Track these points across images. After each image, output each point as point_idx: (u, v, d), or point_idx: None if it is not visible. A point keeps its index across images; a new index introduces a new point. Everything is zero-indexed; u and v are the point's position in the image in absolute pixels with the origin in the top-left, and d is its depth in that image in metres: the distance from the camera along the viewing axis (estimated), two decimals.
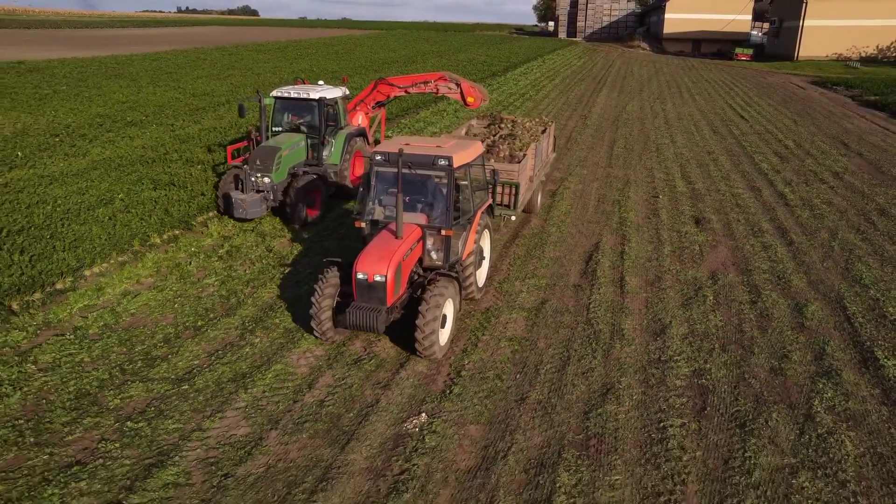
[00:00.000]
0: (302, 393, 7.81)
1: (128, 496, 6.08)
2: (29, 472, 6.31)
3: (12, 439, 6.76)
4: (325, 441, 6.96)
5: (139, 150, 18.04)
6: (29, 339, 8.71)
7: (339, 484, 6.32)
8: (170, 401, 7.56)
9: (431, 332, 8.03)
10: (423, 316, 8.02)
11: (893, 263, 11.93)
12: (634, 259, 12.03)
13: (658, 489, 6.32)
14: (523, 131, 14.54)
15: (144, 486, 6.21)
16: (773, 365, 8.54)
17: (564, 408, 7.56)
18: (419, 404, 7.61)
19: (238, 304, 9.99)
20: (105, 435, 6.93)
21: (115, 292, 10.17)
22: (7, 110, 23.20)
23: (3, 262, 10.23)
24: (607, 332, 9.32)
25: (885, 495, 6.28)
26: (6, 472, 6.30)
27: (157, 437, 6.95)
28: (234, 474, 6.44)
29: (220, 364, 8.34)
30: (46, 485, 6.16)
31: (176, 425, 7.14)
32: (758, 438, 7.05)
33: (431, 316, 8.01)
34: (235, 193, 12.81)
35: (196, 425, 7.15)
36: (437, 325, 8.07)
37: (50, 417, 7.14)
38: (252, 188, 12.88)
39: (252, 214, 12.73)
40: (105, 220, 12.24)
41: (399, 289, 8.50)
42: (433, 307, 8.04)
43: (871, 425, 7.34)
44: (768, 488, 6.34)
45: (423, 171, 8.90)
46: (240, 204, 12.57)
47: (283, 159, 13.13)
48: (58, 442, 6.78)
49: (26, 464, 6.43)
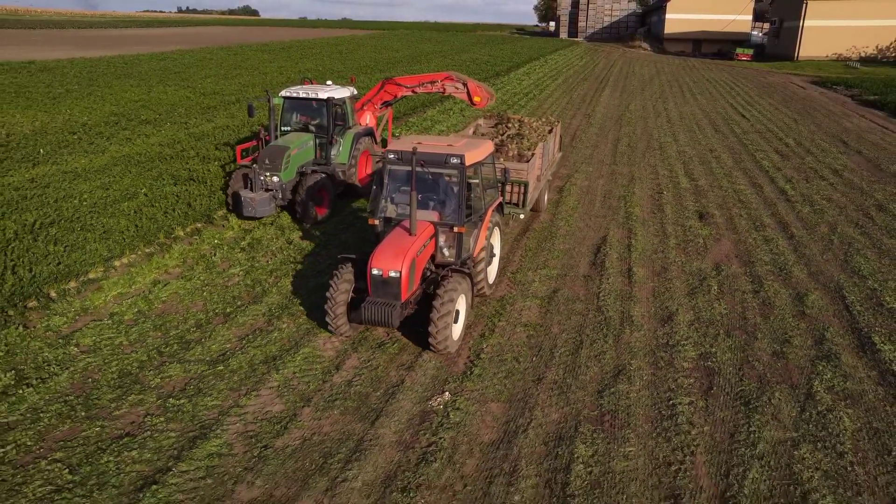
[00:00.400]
0: (330, 374, 8.27)
1: (176, 464, 6.54)
2: (84, 442, 6.79)
3: (65, 413, 7.23)
4: (355, 417, 7.42)
5: (156, 147, 18.51)
6: (69, 324, 9.17)
7: (371, 455, 6.78)
8: (207, 380, 8.03)
9: (445, 327, 8.20)
10: (436, 311, 8.19)
11: (891, 256, 12.39)
12: (641, 251, 12.49)
13: (669, 459, 6.79)
14: (530, 131, 14.96)
15: (191, 455, 6.68)
16: (775, 349, 9.00)
17: (579, 387, 8.02)
18: (442, 384, 8.07)
19: (263, 293, 10.45)
20: (149, 410, 7.40)
21: (145, 281, 10.64)
22: (24, 109, 23.67)
23: (40, 253, 10.70)
24: (617, 318, 9.78)
25: (879, 465, 6.74)
26: (64, 442, 6.77)
27: (197, 412, 7.41)
28: (273, 446, 6.90)
29: (251, 347, 8.81)
30: (101, 453, 6.63)
31: (215, 402, 7.60)
32: (761, 415, 7.51)
33: (445, 311, 8.18)
34: (245, 192, 12.96)
35: (233, 402, 7.61)
36: (450, 319, 8.23)
37: (97, 395, 7.61)
38: (261, 187, 13.03)
39: (261, 213, 12.95)
40: (131, 214, 12.70)
41: (413, 284, 8.66)
42: (447, 302, 8.21)
43: (867, 403, 7.80)
44: (772, 459, 6.80)
45: (435, 170, 9.10)
46: (249, 202, 12.75)
47: (291, 158, 13.34)
48: (107, 416, 7.25)
49: (81, 435, 6.91)
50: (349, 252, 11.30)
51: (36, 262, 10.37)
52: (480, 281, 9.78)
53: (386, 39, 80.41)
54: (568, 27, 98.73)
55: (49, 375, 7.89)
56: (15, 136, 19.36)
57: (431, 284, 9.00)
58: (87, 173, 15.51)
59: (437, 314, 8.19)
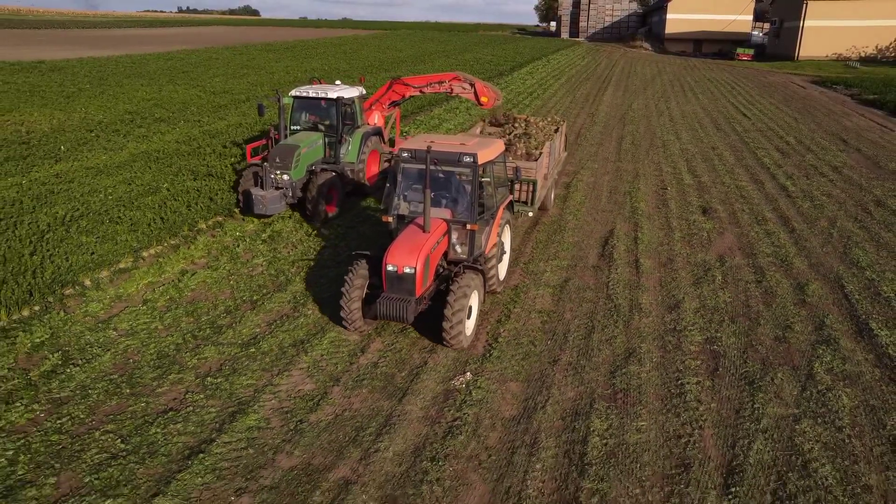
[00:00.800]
0: (356, 356, 8.74)
1: (219, 435, 7.01)
2: (132, 416, 7.26)
3: (111, 390, 7.71)
4: (382, 395, 7.89)
5: (172, 144, 18.99)
6: (105, 310, 9.65)
7: (400, 428, 7.25)
8: (240, 361, 8.50)
9: (459, 322, 8.39)
10: (450, 306, 8.37)
11: (888, 248, 12.85)
12: (647, 244, 12.96)
13: (678, 432, 7.26)
14: (537, 130, 15.37)
15: (231, 428, 7.15)
16: (777, 334, 9.47)
17: (592, 368, 8.50)
18: (463, 365, 8.54)
19: (287, 282, 10.92)
20: (189, 388, 7.87)
21: (173, 271, 11.11)
22: (40, 107, 24.15)
23: (73, 243, 11.17)
24: (626, 305, 10.25)
25: (874, 438, 7.21)
26: (114, 416, 7.25)
27: (234, 390, 7.88)
28: (308, 420, 7.37)
29: (279, 332, 9.28)
30: (149, 426, 7.10)
31: (249, 381, 8.07)
32: (765, 393, 7.98)
33: (459, 306, 8.36)
34: (255, 190, 13.12)
35: (267, 381, 8.08)
36: (464, 315, 8.41)
37: (139, 374, 8.08)
38: (272, 185, 13.22)
39: (272, 211, 13.13)
40: (156, 207, 13.18)
41: (427, 280, 8.84)
42: (461, 298, 8.39)
43: (864, 383, 8.27)
44: (775, 432, 7.27)
45: (448, 168, 9.34)
46: (260, 200, 12.91)
47: (301, 157, 13.50)
48: (150, 393, 7.73)
49: (128, 409, 7.38)
50: (366, 245, 11.77)
51: (70, 252, 10.84)
52: (492, 278, 9.90)
53: (389, 39, 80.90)
54: (569, 27, 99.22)
55: (93, 356, 8.37)
56: (35, 133, 19.84)
57: (444, 281, 9.20)
58: (108, 169, 15.98)
59: (451, 309, 8.39)
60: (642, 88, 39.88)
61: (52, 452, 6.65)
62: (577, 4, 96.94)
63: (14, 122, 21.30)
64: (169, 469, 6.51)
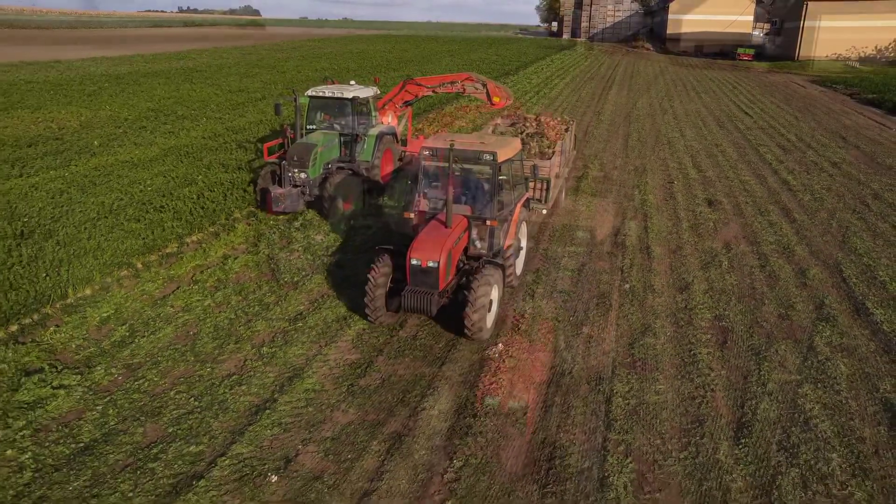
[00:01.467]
0: (396, 330, 9.53)
1: (281, 395, 7.81)
2: (200, 380, 8.06)
3: (178, 357, 8.51)
4: (423, 363, 8.69)
5: (199, 139, 19.79)
6: (160, 290, 10.45)
7: (443, 390, 8.05)
8: (290, 334, 9.29)
9: (481, 315, 8.64)
10: (472, 301, 8.59)
11: (885, 238, 13.65)
12: (657, 233, 13.76)
13: (693, 395, 8.06)
14: (548, 129, 16.09)
15: (290, 390, 7.95)
16: (780, 312, 10.27)
17: (612, 340, 9.30)
18: (494, 337, 9.34)
19: (324, 266, 11.71)
20: (247, 357, 8.67)
21: (217, 255, 11.90)
22: (65, 105, 24.96)
23: (125, 230, 11.97)
24: (640, 287, 11.05)
25: (868, 399, 8.02)
26: (184, 379, 8.06)
27: (288, 359, 8.67)
28: (357, 384, 8.17)
29: (323, 308, 10.08)
30: (217, 387, 7.91)
31: (301, 351, 8.87)
32: (770, 362, 8.78)
33: (481, 301, 8.60)
34: (274, 188, 13.49)
35: (317, 351, 8.88)
36: (485, 309, 8.66)
37: (201, 344, 8.89)
38: (290, 183, 13.55)
39: (290, 208, 13.47)
40: (194, 198, 13.97)
41: (449, 274, 9.12)
42: (482, 292, 8.64)
43: (860, 355, 9.07)
44: (779, 395, 8.07)
45: (468, 166, 9.79)
46: (278, 198, 13.27)
47: (318, 156, 13.84)
48: (213, 361, 8.52)
49: (195, 374, 8.19)
50: (389, 238, 12.50)
51: (123, 237, 11.64)
52: (510, 272, 10.28)
53: (393, 40, 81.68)
54: (571, 27, 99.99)
55: (157, 328, 9.18)
56: (66, 130, 20.64)
57: (464, 275, 9.50)
58: (142, 163, 16.79)
59: (473, 304, 8.62)
60: (646, 88, 40.67)
61: (135, 408, 7.46)
62: (579, 5, 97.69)
63: (45, 120, 22.11)
64: (239, 423, 7.31)
